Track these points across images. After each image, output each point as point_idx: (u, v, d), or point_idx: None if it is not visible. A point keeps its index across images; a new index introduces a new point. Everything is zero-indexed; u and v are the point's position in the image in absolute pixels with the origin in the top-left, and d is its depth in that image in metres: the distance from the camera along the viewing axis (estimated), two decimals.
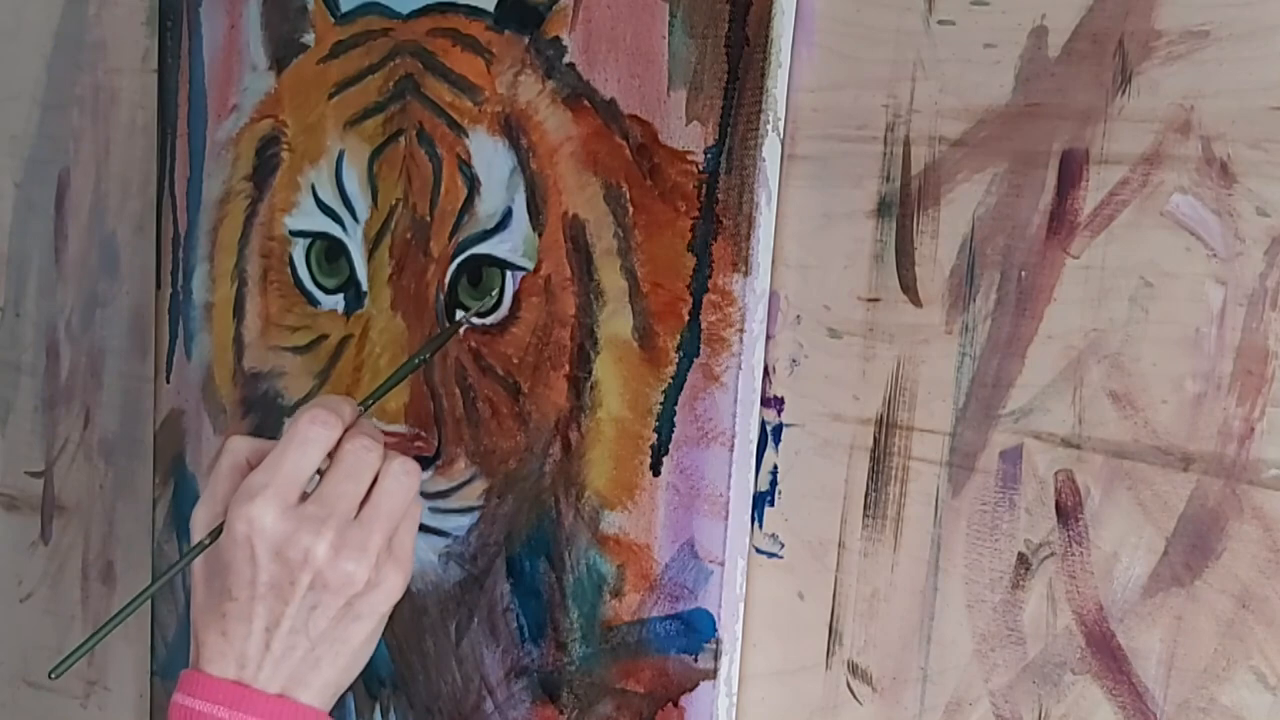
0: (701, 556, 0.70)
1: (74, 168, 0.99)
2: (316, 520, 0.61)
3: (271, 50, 0.84)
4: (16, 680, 1.06)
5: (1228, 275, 0.57)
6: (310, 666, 0.62)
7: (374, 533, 0.62)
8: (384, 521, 0.63)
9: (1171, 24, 0.58)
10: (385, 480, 0.63)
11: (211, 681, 0.61)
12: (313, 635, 0.62)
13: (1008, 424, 0.63)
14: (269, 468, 0.62)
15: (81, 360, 1.00)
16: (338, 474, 0.62)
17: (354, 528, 0.62)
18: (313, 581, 0.61)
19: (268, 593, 0.61)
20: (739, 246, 0.67)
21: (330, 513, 0.61)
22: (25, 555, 1.05)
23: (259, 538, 0.60)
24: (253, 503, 0.61)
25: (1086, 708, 0.62)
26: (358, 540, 0.61)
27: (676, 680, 0.71)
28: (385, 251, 0.79)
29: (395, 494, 0.63)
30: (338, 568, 0.61)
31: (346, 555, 0.61)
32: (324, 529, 0.61)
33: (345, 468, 0.62)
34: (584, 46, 0.71)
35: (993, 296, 0.63)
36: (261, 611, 0.61)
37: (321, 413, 0.63)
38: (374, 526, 0.62)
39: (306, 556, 0.60)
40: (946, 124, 0.64)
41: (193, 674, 0.62)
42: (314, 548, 0.60)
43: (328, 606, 0.62)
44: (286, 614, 0.61)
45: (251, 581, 0.61)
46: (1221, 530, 0.58)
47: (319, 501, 0.62)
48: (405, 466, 0.64)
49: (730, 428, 0.68)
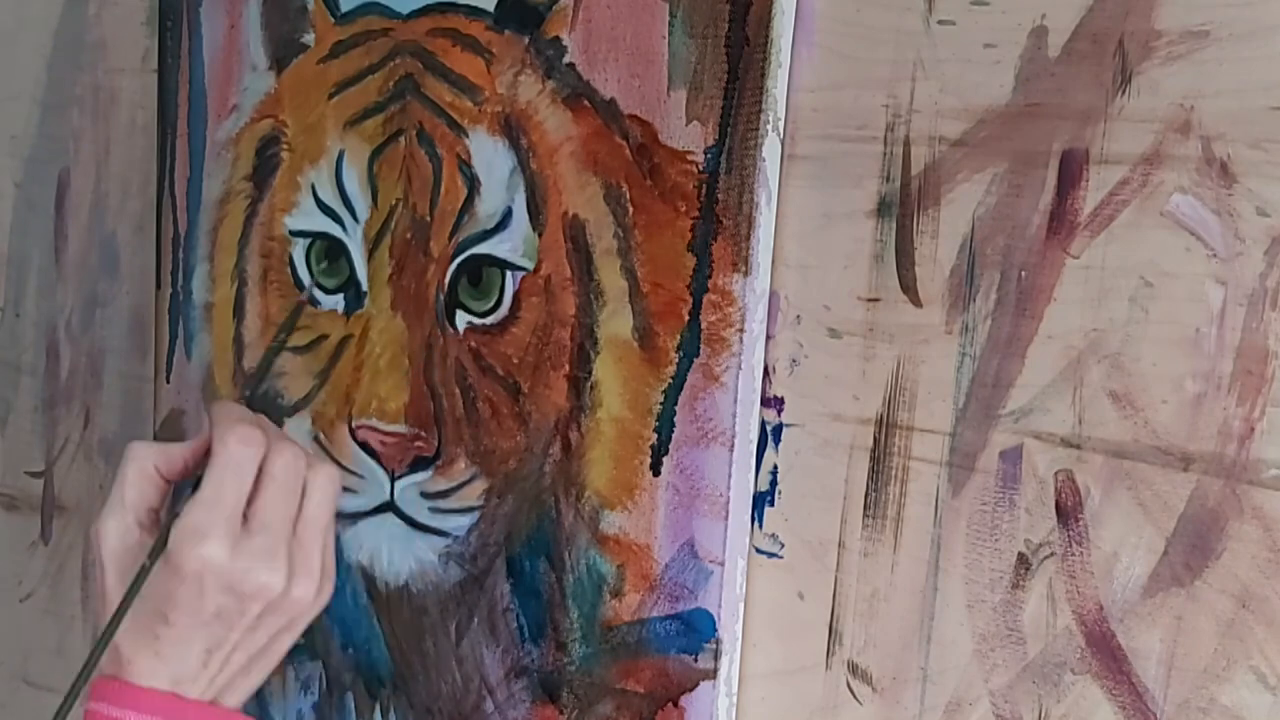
0: (701, 556, 0.70)
1: (74, 168, 0.99)
2: (266, 554, 0.61)
3: (271, 50, 0.84)
4: (16, 680, 1.06)
5: (1228, 275, 0.57)
6: (243, 675, 0.64)
7: (314, 551, 0.63)
8: (320, 537, 0.64)
9: (1171, 24, 0.58)
10: (313, 491, 0.64)
11: (141, 692, 0.61)
12: (251, 650, 0.63)
13: (1008, 424, 0.63)
14: (209, 503, 0.61)
15: (81, 360, 1.00)
16: (273, 494, 0.62)
17: (298, 550, 0.63)
18: (263, 609, 0.62)
19: (213, 620, 0.61)
20: (739, 246, 0.67)
21: (277, 539, 0.62)
22: (25, 555, 1.05)
23: (211, 575, 0.60)
24: (205, 544, 0.60)
25: (1086, 708, 0.62)
26: (303, 563, 0.63)
27: (676, 680, 0.71)
28: (385, 251, 0.79)
29: (324, 507, 0.64)
30: (292, 595, 0.62)
31: (297, 581, 0.62)
32: (275, 561, 0.61)
33: (279, 487, 0.62)
34: (584, 46, 0.71)
35: (993, 296, 0.63)
36: (202, 637, 0.61)
37: (248, 431, 0.62)
38: (314, 546, 0.63)
39: (261, 591, 0.61)
40: (946, 124, 0.64)
41: (118, 683, 0.61)
42: (271, 582, 0.61)
43: (270, 625, 0.63)
44: (230, 638, 0.62)
45: (197, 611, 0.61)
46: (1221, 530, 0.58)
47: (264, 530, 0.62)
48: (329, 474, 0.64)
49: (730, 428, 0.68)
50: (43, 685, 1.05)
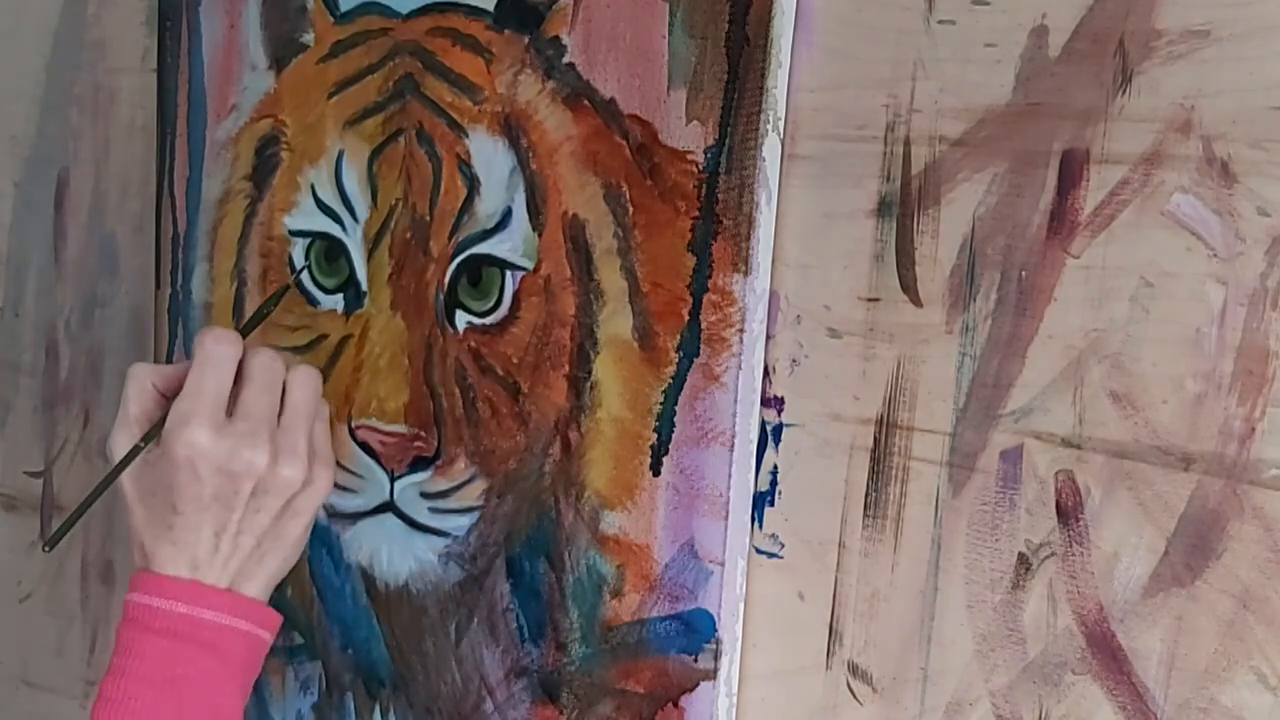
0: (701, 556, 0.70)
1: (73, 167, 0.99)
2: (249, 435, 0.67)
3: (271, 50, 0.84)
4: (16, 680, 1.06)
5: (1228, 275, 0.57)
6: (255, 562, 0.69)
7: (299, 436, 0.69)
8: (303, 424, 0.69)
9: (1172, 23, 0.58)
10: (293, 388, 0.70)
11: (166, 580, 0.67)
12: (257, 533, 0.68)
13: (1008, 424, 0.63)
14: (192, 393, 0.67)
15: (81, 360, 1.00)
16: (254, 388, 0.68)
17: (282, 434, 0.69)
18: (255, 488, 0.67)
19: (213, 503, 0.67)
20: (739, 246, 0.67)
21: (259, 425, 0.68)
22: (25, 555, 1.05)
23: (200, 458, 0.66)
24: (188, 428, 0.66)
25: (1087, 708, 0.61)
26: (289, 445, 0.68)
27: (676, 680, 0.71)
28: (385, 251, 0.79)
29: (306, 398, 0.70)
30: (277, 474, 0.68)
31: (283, 461, 0.68)
32: (258, 440, 0.67)
33: (260, 382, 0.69)
34: (584, 46, 0.71)
35: (993, 296, 0.63)
36: (209, 520, 0.67)
37: (222, 332, 0.69)
38: (298, 430, 0.69)
39: (249, 468, 0.67)
40: (947, 124, 0.64)
41: (145, 575, 0.68)
42: (255, 459, 0.67)
43: (269, 508, 0.68)
44: (232, 519, 0.67)
45: (197, 496, 0.67)
46: (1222, 530, 0.58)
47: (246, 417, 0.68)
48: (307, 374, 0.71)
49: (730, 428, 0.68)
50: (42, 685, 1.04)
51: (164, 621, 0.66)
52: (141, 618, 0.67)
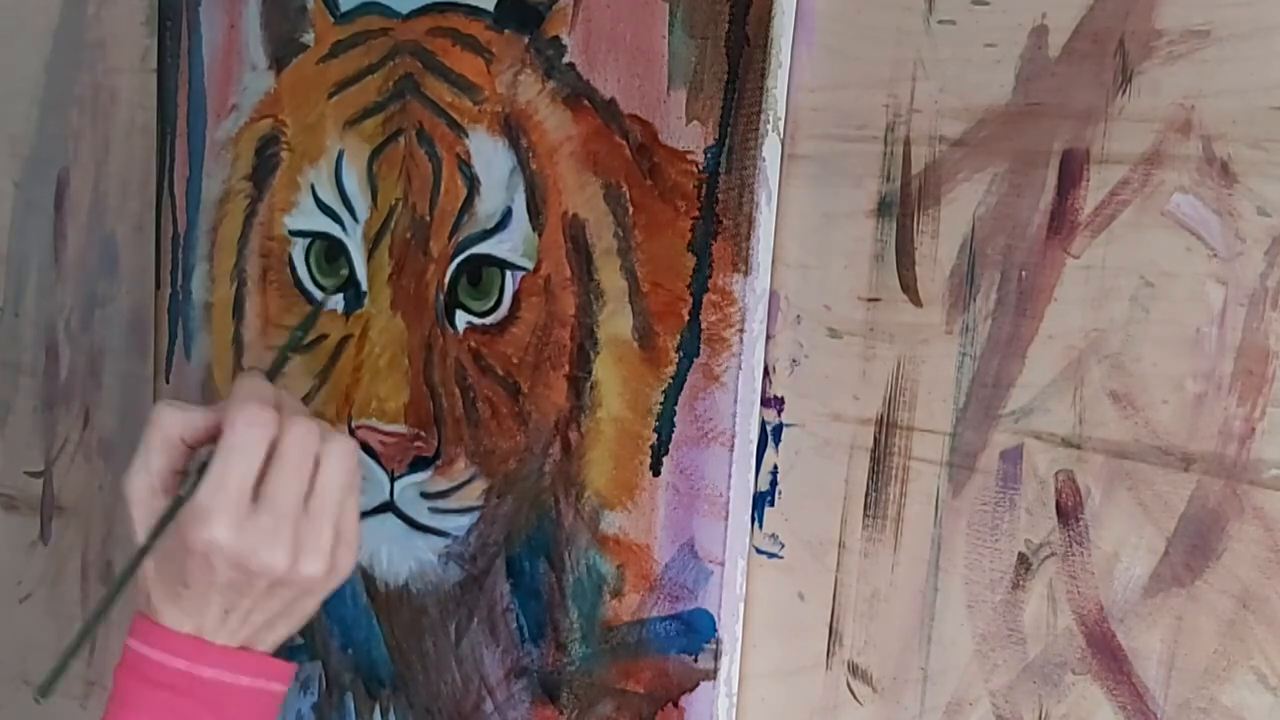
0: (701, 556, 0.70)
1: (73, 167, 0.99)
2: (271, 531, 0.62)
3: (271, 50, 0.84)
4: (16, 680, 1.06)
5: (1228, 275, 0.57)
6: (267, 630, 0.65)
7: (324, 526, 0.64)
8: (331, 510, 0.64)
9: (1172, 23, 0.58)
10: (327, 467, 0.64)
11: (168, 633, 0.64)
12: (269, 613, 0.65)
13: (1008, 424, 0.63)
14: (215, 485, 0.62)
15: (81, 360, 1.00)
16: (282, 473, 0.63)
17: (305, 526, 0.63)
18: (270, 583, 0.63)
19: (226, 588, 0.63)
20: (739, 246, 0.67)
21: (282, 518, 0.62)
22: (25, 555, 1.05)
23: (216, 554, 0.62)
24: (207, 524, 0.61)
25: (1087, 708, 0.61)
26: (311, 540, 0.63)
27: (676, 680, 0.71)
28: (385, 251, 0.79)
29: (337, 480, 0.64)
30: (297, 572, 0.63)
31: (304, 560, 0.63)
32: (279, 539, 0.62)
33: (288, 465, 0.63)
34: (584, 46, 0.71)
35: (993, 296, 0.63)
36: (218, 599, 0.63)
37: (256, 412, 0.63)
38: (323, 520, 0.64)
39: (266, 569, 0.62)
40: (947, 124, 0.64)
41: (147, 622, 0.64)
42: (273, 561, 0.62)
43: (284, 596, 0.64)
44: (243, 603, 0.64)
45: (208, 581, 0.63)
46: (1222, 530, 0.58)
47: (269, 508, 0.62)
48: (343, 449, 0.64)
49: (730, 428, 0.68)
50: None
51: (163, 675, 0.63)
52: (140, 668, 0.64)
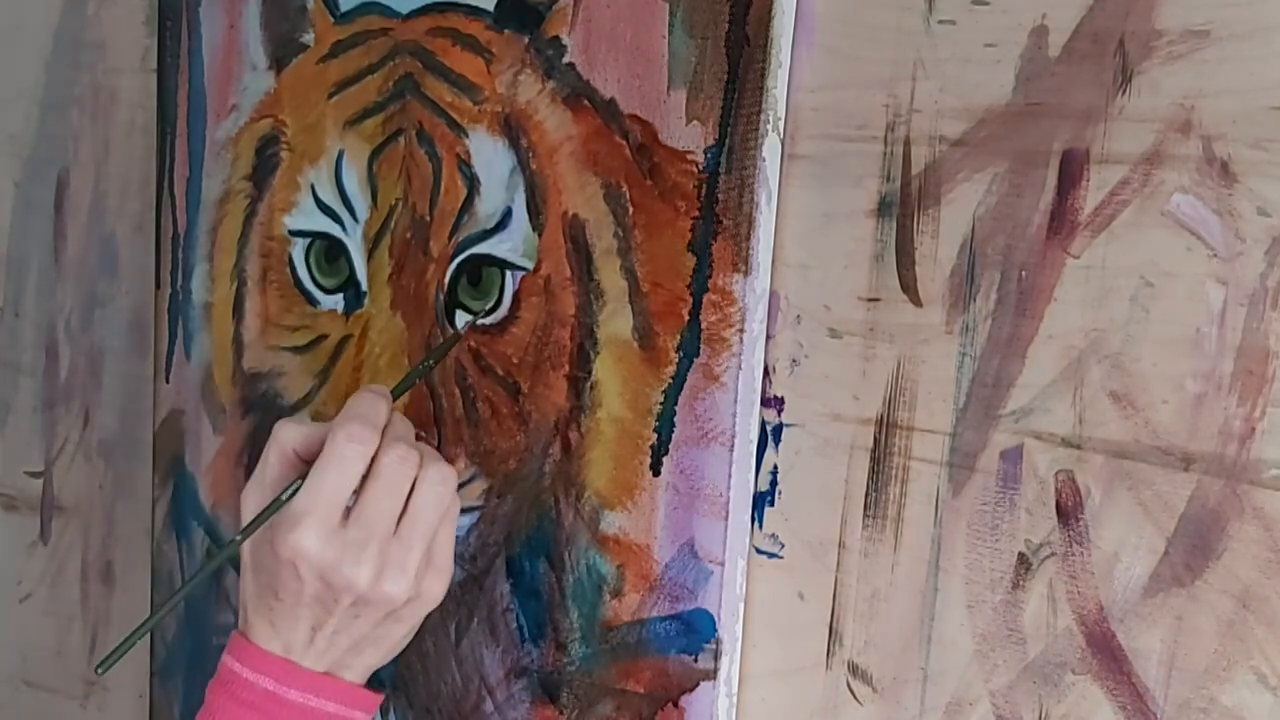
0: (701, 556, 0.70)
1: (73, 167, 0.99)
2: (357, 546, 0.63)
3: (271, 50, 0.84)
4: (16, 680, 1.06)
5: (1228, 275, 0.57)
6: (353, 655, 0.66)
7: (413, 549, 0.64)
8: (422, 535, 0.64)
9: (1172, 23, 0.58)
10: (422, 491, 0.64)
11: (260, 653, 0.65)
12: (355, 636, 0.65)
13: (1008, 424, 0.63)
14: (310, 492, 0.63)
15: (81, 360, 1.00)
16: (376, 491, 0.63)
17: (394, 546, 0.64)
18: (354, 601, 0.64)
19: (313, 603, 0.64)
20: (739, 246, 0.67)
21: (370, 535, 0.63)
22: (25, 555, 1.05)
23: (303, 563, 0.63)
24: (296, 531, 0.62)
25: (1087, 708, 0.61)
26: (398, 560, 0.64)
27: (676, 680, 0.71)
28: (385, 251, 0.79)
29: (432, 506, 0.65)
30: (379, 590, 0.63)
31: (387, 578, 0.63)
32: (364, 555, 0.63)
33: (383, 484, 0.64)
34: (584, 46, 0.71)
35: (993, 296, 0.63)
36: (306, 615, 0.64)
37: (358, 429, 0.64)
38: (413, 542, 0.64)
39: (348, 584, 0.63)
40: (947, 124, 0.64)
41: (243, 641, 0.66)
42: (356, 577, 0.63)
43: (369, 617, 0.65)
44: (330, 621, 0.64)
45: (297, 593, 0.64)
46: (1222, 530, 0.58)
47: (359, 523, 0.63)
48: (441, 474, 0.65)
49: (730, 428, 0.68)
50: (42, 685, 1.04)
51: (250, 694, 0.64)
52: (230, 684, 0.65)
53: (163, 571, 0.93)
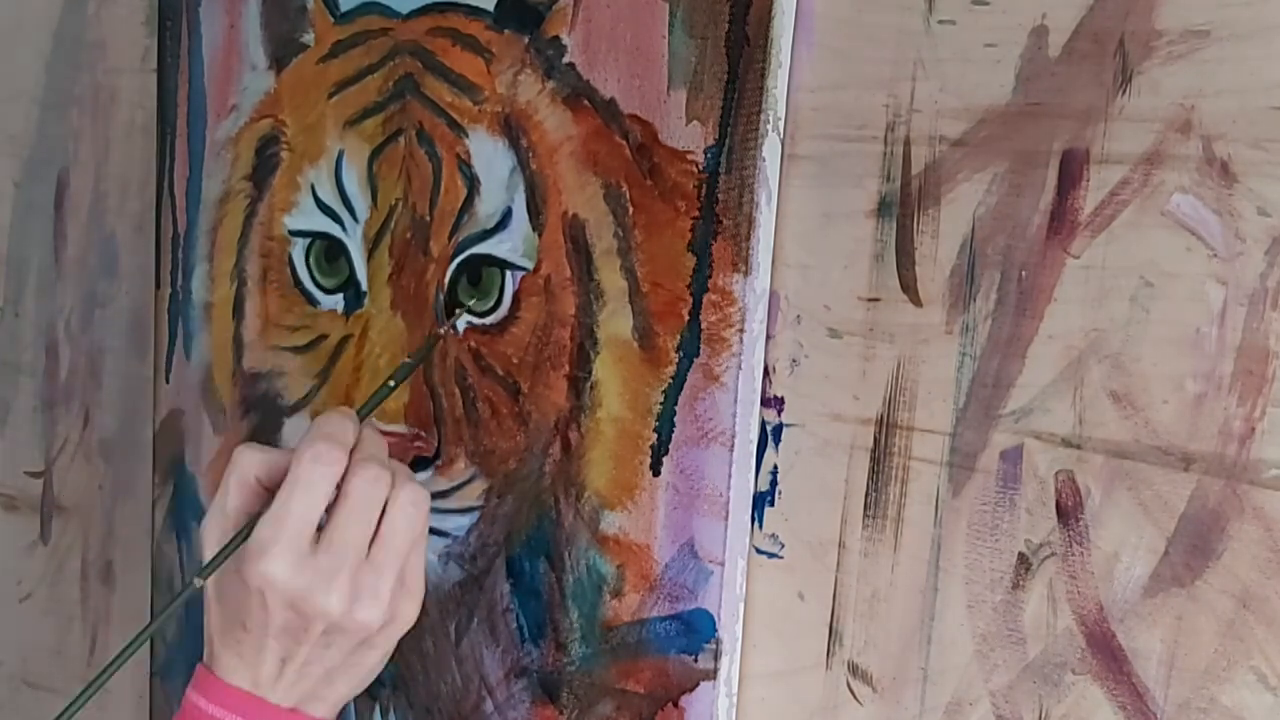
0: (701, 556, 0.70)
1: (73, 168, 0.99)
2: (329, 573, 0.61)
3: (271, 50, 0.84)
4: (16, 680, 1.06)
5: (1228, 275, 0.57)
6: (325, 685, 0.64)
7: (385, 574, 0.62)
8: (395, 560, 0.63)
9: (1172, 23, 0.58)
10: (394, 515, 0.63)
11: (227, 689, 0.62)
12: (327, 665, 0.63)
13: (1008, 424, 0.63)
14: (276, 519, 0.61)
15: (81, 360, 1.00)
16: (346, 515, 0.62)
17: (366, 572, 0.62)
18: (326, 629, 0.62)
19: (281, 633, 0.62)
20: (739, 246, 0.67)
21: (342, 562, 0.61)
22: (24, 555, 1.05)
23: (272, 592, 0.61)
24: (264, 559, 0.60)
25: (1087, 708, 0.61)
26: (370, 586, 0.62)
27: (676, 680, 0.71)
28: (385, 251, 0.79)
29: (404, 529, 0.63)
30: (353, 618, 0.62)
31: (361, 605, 0.62)
32: (335, 582, 0.61)
33: (352, 506, 0.62)
34: (584, 46, 0.71)
35: (993, 296, 0.63)
36: (275, 646, 0.62)
37: (323, 449, 0.62)
38: (385, 568, 0.62)
39: (320, 613, 0.61)
40: (947, 124, 0.64)
41: (209, 676, 0.63)
42: (327, 605, 0.61)
43: (342, 645, 0.63)
44: (300, 651, 0.62)
45: (264, 624, 0.62)
46: (1222, 530, 0.58)
47: (329, 550, 0.61)
48: (413, 497, 0.63)
49: (730, 428, 0.68)
50: (42, 685, 1.04)
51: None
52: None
53: (163, 571, 0.93)
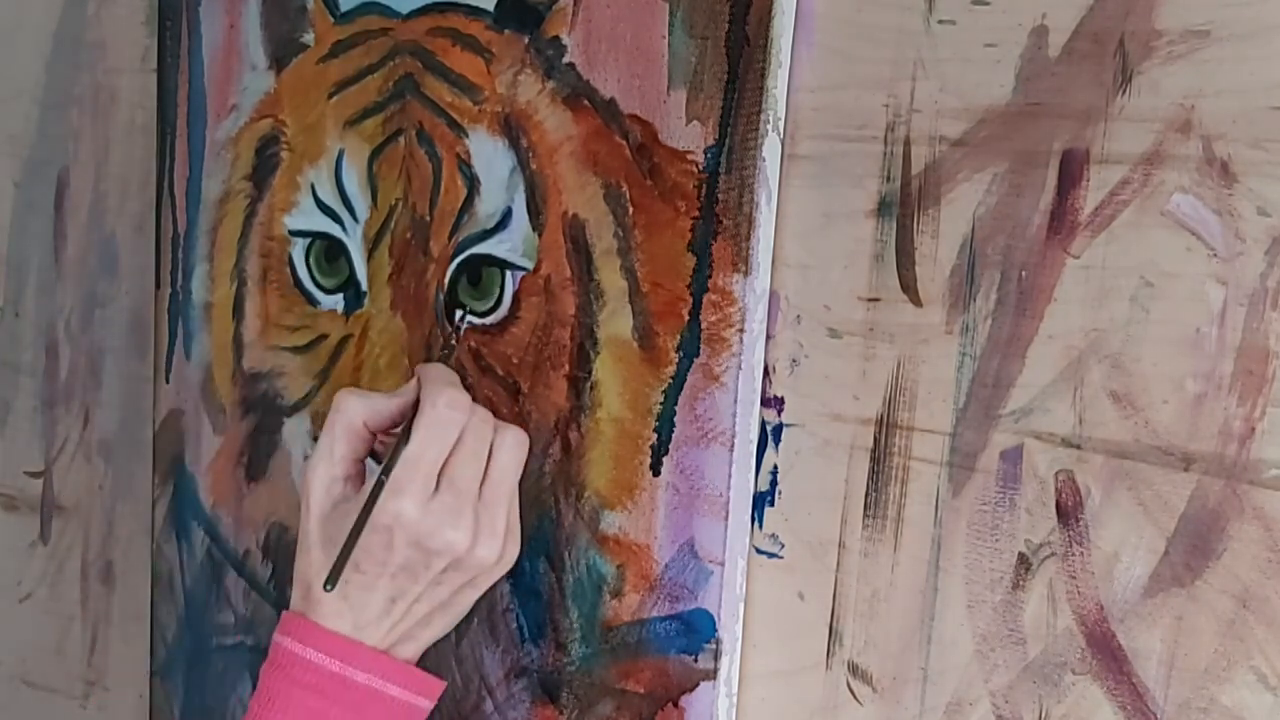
0: (701, 556, 0.70)
1: (73, 168, 0.99)
2: (454, 512, 0.64)
3: (271, 50, 0.84)
4: (16, 680, 1.06)
5: (1228, 275, 0.57)
6: (422, 627, 0.67)
7: (500, 513, 0.66)
8: (505, 499, 0.66)
9: (1172, 23, 0.58)
10: (500, 455, 0.66)
11: (324, 633, 0.64)
12: (433, 603, 0.66)
13: (1008, 424, 0.63)
14: (412, 460, 0.63)
15: (81, 360, 1.00)
16: (464, 455, 0.65)
17: (484, 509, 0.65)
18: (448, 566, 0.64)
19: (399, 572, 0.64)
20: (739, 246, 0.67)
21: (464, 500, 0.64)
22: (24, 555, 1.05)
23: (401, 530, 0.63)
24: (398, 498, 0.63)
25: (1087, 708, 0.61)
26: (488, 524, 0.65)
27: (676, 680, 0.71)
28: (385, 251, 0.79)
29: (511, 469, 0.66)
30: (475, 554, 0.64)
31: (482, 542, 0.65)
32: (461, 520, 0.64)
33: (470, 449, 0.65)
34: (584, 46, 0.71)
35: (993, 296, 0.63)
36: (387, 585, 0.64)
37: (456, 395, 0.65)
38: (499, 507, 0.66)
39: (448, 548, 0.64)
40: (947, 124, 0.64)
41: (301, 620, 0.65)
42: (455, 540, 0.64)
43: (453, 582, 0.65)
44: (412, 590, 0.65)
45: (384, 563, 0.64)
46: (1222, 530, 0.58)
47: (452, 489, 0.64)
48: (517, 439, 0.67)
49: (730, 428, 0.68)
50: (42, 685, 1.04)
51: (313, 677, 0.63)
52: (290, 667, 0.64)
53: (163, 571, 0.93)
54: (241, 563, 0.88)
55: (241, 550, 0.88)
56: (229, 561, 0.88)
